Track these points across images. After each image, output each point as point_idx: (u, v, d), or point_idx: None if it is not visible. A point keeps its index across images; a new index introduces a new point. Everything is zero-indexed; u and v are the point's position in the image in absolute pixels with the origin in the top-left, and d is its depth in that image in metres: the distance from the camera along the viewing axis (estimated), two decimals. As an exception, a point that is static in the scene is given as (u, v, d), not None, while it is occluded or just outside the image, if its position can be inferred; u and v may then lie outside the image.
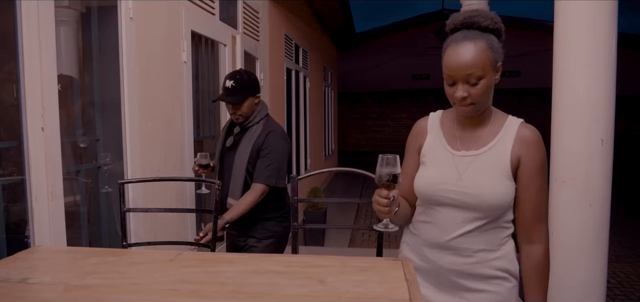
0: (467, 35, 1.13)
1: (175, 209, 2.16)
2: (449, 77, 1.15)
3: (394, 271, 1.05)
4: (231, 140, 2.16)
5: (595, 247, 1.92)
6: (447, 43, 1.17)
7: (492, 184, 1.17)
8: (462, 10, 1.15)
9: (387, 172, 1.07)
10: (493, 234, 1.22)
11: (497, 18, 1.17)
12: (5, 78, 1.62)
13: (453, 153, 1.23)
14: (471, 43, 1.12)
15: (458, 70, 1.12)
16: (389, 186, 1.08)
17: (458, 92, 1.14)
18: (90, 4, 2.06)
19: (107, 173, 2.09)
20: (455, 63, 1.13)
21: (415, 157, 1.31)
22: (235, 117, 2.12)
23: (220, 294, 0.95)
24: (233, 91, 2.05)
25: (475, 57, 1.11)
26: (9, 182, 1.58)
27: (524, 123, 1.23)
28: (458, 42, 1.13)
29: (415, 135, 1.34)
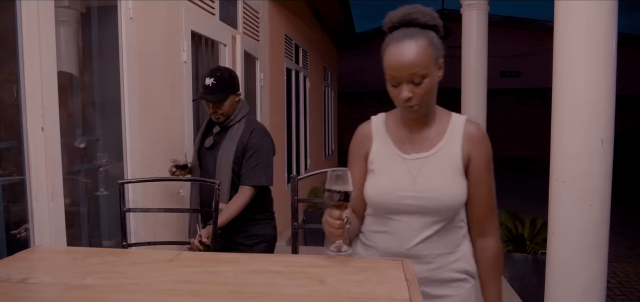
0: (407, 33, 1.10)
1: (175, 209, 2.16)
2: (392, 78, 1.11)
3: (394, 271, 1.05)
4: (211, 141, 2.08)
5: (595, 247, 1.92)
6: (386, 42, 1.13)
7: (447, 184, 1.16)
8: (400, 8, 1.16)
9: (339, 190, 1.02)
10: (450, 236, 1.21)
11: (435, 14, 1.14)
12: (5, 78, 1.62)
13: (404, 157, 1.20)
14: (412, 41, 1.08)
15: (401, 70, 1.09)
16: (341, 205, 1.03)
17: (403, 93, 1.10)
18: (90, 4, 2.06)
19: (104, 174, 2.08)
20: (398, 63, 1.09)
21: (362, 166, 1.26)
22: (216, 116, 2.04)
23: (220, 294, 0.95)
24: (214, 89, 1.98)
25: (418, 56, 1.08)
26: (9, 182, 1.58)
27: (469, 120, 1.23)
28: (399, 40, 1.09)
29: (359, 142, 1.28)
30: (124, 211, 1.78)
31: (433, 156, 1.18)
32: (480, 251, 1.24)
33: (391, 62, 1.10)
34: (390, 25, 1.14)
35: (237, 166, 2.02)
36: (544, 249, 2.66)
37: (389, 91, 1.15)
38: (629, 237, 5.06)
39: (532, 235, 3.48)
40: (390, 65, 1.11)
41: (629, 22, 19.57)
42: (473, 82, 3.96)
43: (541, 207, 2.85)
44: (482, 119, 3.98)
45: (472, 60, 3.96)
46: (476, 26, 3.92)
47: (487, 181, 1.20)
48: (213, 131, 2.10)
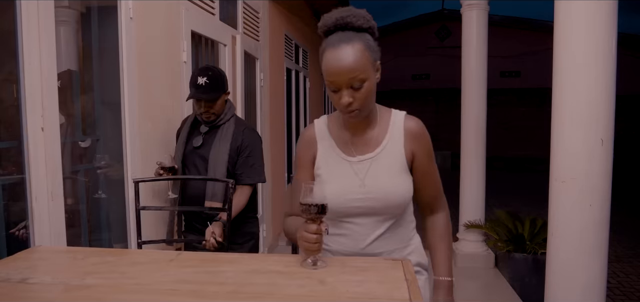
0: (342, 37, 1.09)
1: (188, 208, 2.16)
2: (331, 83, 1.11)
3: (394, 270, 1.05)
4: (200, 140, 2.07)
5: (595, 247, 1.91)
6: (323, 47, 1.13)
7: (395, 183, 1.18)
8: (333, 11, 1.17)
9: (315, 203, 1.02)
10: (402, 231, 1.25)
11: (369, 16, 1.14)
12: (5, 78, 1.62)
13: (349, 160, 1.20)
14: (349, 45, 1.08)
15: (340, 75, 1.08)
16: (317, 218, 1.03)
17: (343, 99, 1.10)
18: (90, 4, 2.06)
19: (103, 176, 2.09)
20: (336, 68, 1.08)
21: (310, 170, 1.26)
22: (207, 116, 2.04)
23: (220, 294, 0.95)
24: (207, 88, 1.97)
25: (356, 60, 1.07)
26: (9, 182, 1.58)
27: (407, 116, 1.25)
28: (335, 45, 1.09)
29: (306, 146, 1.26)
30: (138, 209, 1.82)
31: (377, 156, 1.20)
32: (430, 226, 1.30)
33: (329, 67, 1.10)
34: (325, 29, 1.14)
35: (232, 166, 2.03)
36: (544, 249, 2.65)
37: (329, 96, 1.15)
38: (629, 237, 5.06)
39: (532, 235, 3.48)
40: (329, 71, 1.10)
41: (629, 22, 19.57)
42: (473, 82, 3.95)
43: (541, 207, 2.85)
44: (482, 119, 3.98)
45: (472, 60, 3.95)
46: (476, 26, 3.92)
47: (432, 171, 1.26)
48: (201, 130, 2.09)
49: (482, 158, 4.00)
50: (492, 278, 3.77)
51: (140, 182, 1.86)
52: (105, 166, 2.07)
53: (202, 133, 2.09)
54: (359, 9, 1.14)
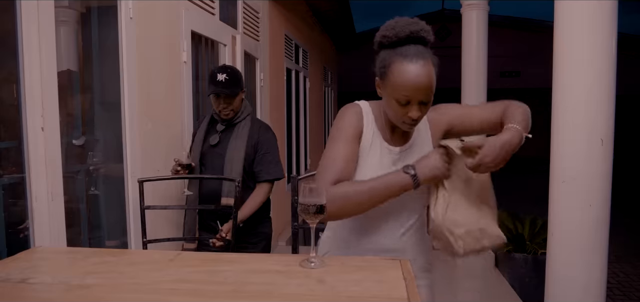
0: (418, 52, 1.09)
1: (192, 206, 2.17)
2: (404, 96, 1.09)
3: (393, 270, 1.05)
4: (216, 138, 2.10)
5: (595, 247, 1.92)
6: (393, 57, 1.10)
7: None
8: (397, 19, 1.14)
9: (314, 203, 1.03)
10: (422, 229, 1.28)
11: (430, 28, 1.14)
12: (5, 78, 1.62)
13: (390, 149, 1.21)
14: (426, 62, 1.09)
15: (418, 92, 1.08)
16: (315, 218, 1.05)
17: (413, 113, 1.10)
18: (90, 4, 2.07)
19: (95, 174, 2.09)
20: (416, 84, 1.07)
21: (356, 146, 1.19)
22: (226, 113, 2.07)
23: (220, 293, 0.95)
24: (227, 84, 2.01)
25: (431, 78, 1.09)
26: (9, 182, 1.58)
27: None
28: (413, 60, 1.08)
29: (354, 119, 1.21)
30: (143, 208, 1.84)
31: (411, 147, 1.22)
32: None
33: (407, 82, 1.08)
34: (396, 40, 1.11)
35: (248, 164, 2.05)
36: (544, 249, 2.65)
37: (390, 107, 1.13)
38: (629, 237, 5.06)
39: (532, 235, 3.49)
40: (406, 85, 1.08)
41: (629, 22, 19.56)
42: (473, 82, 3.96)
43: (541, 207, 2.85)
44: (482, 119, 3.98)
45: (472, 60, 3.96)
46: (476, 26, 3.92)
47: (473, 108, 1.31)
48: (217, 129, 2.12)
49: (482, 158, 4.00)
50: (492, 278, 3.77)
51: (145, 182, 1.88)
52: (97, 164, 2.07)
53: (218, 131, 2.12)
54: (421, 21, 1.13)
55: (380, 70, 1.14)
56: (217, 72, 2.04)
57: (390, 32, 1.12)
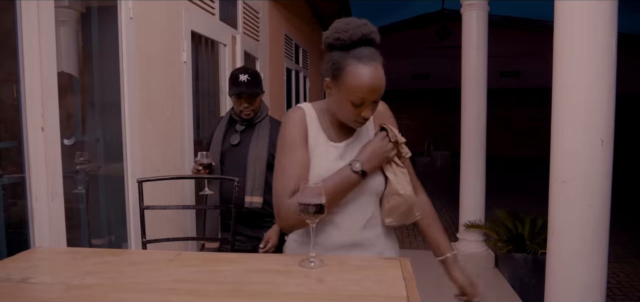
0: (369, 54, 1.12)
1: (192, 206, 2.18)
2: (358, 98, 1.12)
3: (392, 269, 1.05)
4: (237, 138, 2.15)
5: (595, 247, 1.92)
6: (347, 60, 1.12)
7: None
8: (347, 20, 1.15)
9: (314, 203, 1.04)
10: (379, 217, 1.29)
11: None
12: (5, 78, 1.62)
13: (336, 145, 1.24)
14: (377, 63, 1.12)
15: (372, 93, 1.12)
16: (316, 217, 1.06)
17: (366, 113, 1.15)
18: (90, 4, 2.07)
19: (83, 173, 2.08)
20: (370, 86, 1.11)
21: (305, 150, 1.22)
22: (247, 113, 2.12)
23: (220, 293, 0.95)
24: (250, 84, 2.08)
25: (383, 79, 1.13)
26: (9, 182, 1.58)
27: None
28: (367, 63, 1.11)
29: (299, 124, 1.23)
30: (142, 209, 1.84)
31: (357, 139, 1.25)
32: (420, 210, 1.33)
33: (362, 84, 1.10)
34: (350, 42, 1.12)
35: (271, 162, 2.08)
36: (544, 249, 2.65)
37: (344, 107, 1.16)
38: (629, 237, 5.06)
39: (532, 235, 3.49)
40: (361, 87, 1.11)
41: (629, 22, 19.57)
42: (473, 82, 3.96)
43: (541, 207, 2.85)
44: (482, 119, 3.98)
45: (472, 60, 3.96)
46: (476, 26, 3.92)
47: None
48: (236, 129, 2.17)
49: (482, 158, 4.00)
50: (492, 278, 3.77)
51: (144, 182, 1.88)
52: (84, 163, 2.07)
53: (238, 131, 2.17)
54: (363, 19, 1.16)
55: (333, 72, 1.15)
56: (239, 73, 2.09)
57: (344, 34, 1.13)
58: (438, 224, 1.36)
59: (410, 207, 1.25)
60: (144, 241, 1.87)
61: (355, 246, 1.25)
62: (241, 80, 2.06)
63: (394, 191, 1.22)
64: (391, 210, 1.24)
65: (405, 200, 1.22)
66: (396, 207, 1.23)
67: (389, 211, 1.25)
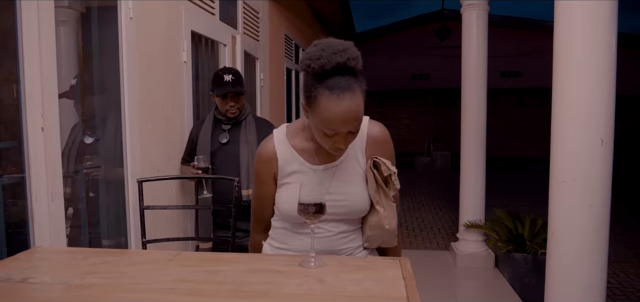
0: (344, 84, 1.02)
1: (192, 206, 2.18)
2: (330, 130, 1.06)
3: (392, 269, 1.05)
4: (226, 137, 2.22)
5: (596, 247, 1.92)
6: (320, 89, 1.03)
7: (357, 191, 1.19)
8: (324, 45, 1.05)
9: (314, 203, 1.04)
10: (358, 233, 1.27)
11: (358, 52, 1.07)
12: (5, 78, 1.62)
13: (314, 168, 1.19)
14: (352, 94, 1.03)
15: (344, 126, 1.04)
16: (316, 217, 1.05)
17: (340, 144, 1.08)
18: (90, 4, 2.07)
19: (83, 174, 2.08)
20: (341, 120, 1.03)
21: (271, 186, 1.25)
22: (233, 111, 2.19)
23: (219, 293, 0.95)
24: (235, 83, 2.15)
25: (358, 109, 1.04)
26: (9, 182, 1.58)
27: (371, 121, 1.23)
28: (339, 95, 1.02)
29: (265, 164, 1.23)
30: (142, 209, 1.86)
31: (341, 164, 1.20)
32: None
33: (332, 116, 1.03)
34: (321, 71, 1.04)
35: None
36: (544, 249, 2.65)
37: (317, 135, 1.11)
38: (629, 237, 5.06)
39: (532, 235, 3.49)
40: (332, 120, 1.03)
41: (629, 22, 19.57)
42: (473, 82, 3.95)
43: (541, 207, 2.85)
44: (482, 119, 3.98)
45: (472, 60, 3.95)
46: (476, 26, 3.92)
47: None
48: (223, 128, 2.23)
49: (482, 158, 4.00)
50: (492, 278, 3.77)
51: (144, 182, 1.88)
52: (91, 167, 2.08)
53: (226, 130, 2.23)
54: (347, 41, 1.08)
55: (306, 97, 1.08)
56: (223, 74, 2.16)
57: (316, 63, 1.03)
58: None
59: (392, 237, 1.24)
60: (144, 241, 1.87)
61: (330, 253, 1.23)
62: (226, 80, 2.13)
63: (380, 225, 1.19)
64: (373, 238, 1.23)
65: (390, 234, 1.21)
66: (379, 237, 1.22)
67: (370, 238, 1.24)
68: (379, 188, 1.18)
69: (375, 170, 1.18)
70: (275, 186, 1.25)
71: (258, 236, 1.36)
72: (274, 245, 1.31)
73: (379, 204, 1.18)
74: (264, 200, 1.28)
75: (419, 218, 6.08)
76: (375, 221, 1.20)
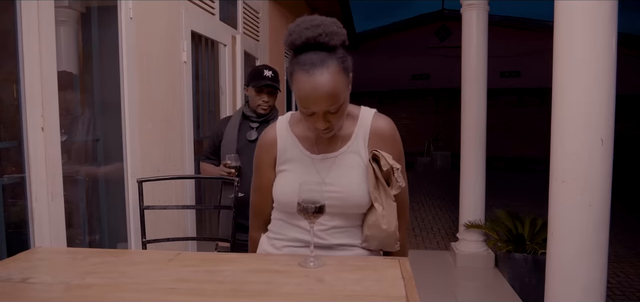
0: (315, 60, 1.00)
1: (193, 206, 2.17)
2: (305, 109, 1.04)
3: (392, 269, 1.05)
4: (255, 134, 2.20)
5: (596, 247, 1.92)
6: (293, 67, 1.03)
7: (355, 184, 1.14)
8: (300, 20, 1.06)
9: (313, 203, 1.02)
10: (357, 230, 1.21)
11: (340, 27, 1.05)
12: (5, 78, 1.62)
13: (312, 157, 1.17)
14: (324, 70, 1.00)
15: (317, 103, 1.01)
16: (315, 217, 1.04)
17: (319, 124, 1.05)
18: (90, 4, 2.07)
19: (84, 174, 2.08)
20: (312, 96, 1.01)
21: (269, 173, 1.22)
22: (264, 107, 2.20)
23: (219, 292, 0.95)
24: (274, 80, 2.18)
25: (333, 86, 1.00)
26: (9, 182, 1.58)
27: (377, 114, 1.20)
28: (309, 70, 1.00)
29: (266, 149, 1.22)
30: (142, 209, 1.85)
31: (341, 155, 1.16)
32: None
33: (304, 94, 1.02)
34: (293, 47, 1.04)
35: None
36: (544, 249, 2.65)
37: (301, 112, 1.09)
38: (629, 237, 5.06)
39: (532, 235, 3.49)
40: (303, 98, 1.02)
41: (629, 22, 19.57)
42: (473, 82, 3.95)
43: (541, 207, 2.85)
44: (482, 119, 3.98)
45: (472, 60, 3.95)
46: (476, 26, 3.92)
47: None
48: (251, 126, 2.22)
49: (482, 158, 4.00)
50: (492, 278, 3.77)
51: (144, 182, 1.88)
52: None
53: (254, 128, 2.22)
54: (328, 18, 1.06)
55: (288, 75, 1.08)
56: (263, 69, 2.20)
57: (288, 37, 1.03)
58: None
59: (391, 240, 1.18)
60: (144, 241, 1.87)
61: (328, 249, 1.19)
62: (266, 75, 2.16)
63: (377, 225, 1.14)
64: (371, 238, 1.18)
65: (388, 235, 1.15)
66: (376, 237, 1.17)
67: (368, 238, 1.18)
68: (378, 184, 1.13)
69: (375, 164, 1.12)
70: (274, 173, 1.22)
71: (257, 232, 1.32)
72: (270, 235, 1.27)
73: (377, 202, 1.12)
74: (263, 191, 1.24)
75: (419, 218, 6.08)
76: (372, 221, 1.15)
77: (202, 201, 2.96)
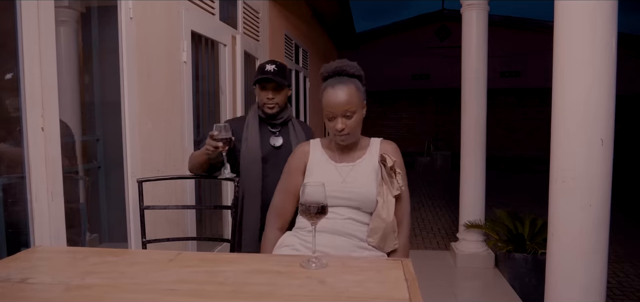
0: (339, 80, 1.46)
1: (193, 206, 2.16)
2: (329, 113, 1.45)
3: (394, 270, 1.05)
4: (280, 140, 2.01)
5: (595, 247, 1.91)
6: (324, 87, 1.49)
7: (369, 183, 1.47)
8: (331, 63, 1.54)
9: (316, 203, 1.04)
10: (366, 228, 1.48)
11: (359, 67, 1.52)
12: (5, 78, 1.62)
13: (335, 164, 1.53)
14: (344, 86, 1.44)
15: (337, 107, 1.43)
16: (318, 217, 1.07)
17: (337, 125, 1.44)
18: (90, 4, 2.07)
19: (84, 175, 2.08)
20: (334, 102, 1.44)
21: (299, 178, 1.55)
22: (270, 106, 1.97)
23: (220, 293, 0.95)
24: (277, 74, 1.94)
25: (349, 97, 1.44)
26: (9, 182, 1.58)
27: (384, 140, 1.59)
28: (334, 86, 1.45)
29: (299, 156, 1.58)
30: (142, 209, 1.85)
31: (357, 164, 1.52)
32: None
33: (329, 102, 1.45)
34: (326, 75, 1.50)
35: None
36: (544, 249, 2.65)
37: (326, 124, 1.50)
38: (629, 237, 5.06)
39: (532, 235, 3.48)
40: (328, 103, 1.45)
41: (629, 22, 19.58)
42: (473, 82, 3.95)
43: (541, 207, 2.85)
44: (482, 119, 3.97)
45: (472, 60, 3.95)
46: (476, 26, 3.91)
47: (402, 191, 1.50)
48: (271, 130, 2.02)
49: (482, 158, 4.00)
50: (492, 278, 3.77)
51: (144, 182, 1.88)
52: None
53: (275, 133, 2.03)
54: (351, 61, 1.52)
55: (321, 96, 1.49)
56: (266, 64, 1.98)
57: (323, 70, 1.52)
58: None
59: (389, 232, 1.44)
60: (144, 241, 1.87)
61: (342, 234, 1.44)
62: (268, 69, 1.94)
63: (378, 214, 1.43)
64: (373, 230, 1.44)
65: (387, 224, 1.43)
66: (377, 228, 1.43)
67: (371, 230, 1.44)
68: (382, 183, 1.46)
69: (382, 167, 1.47)
70: (303, 179, 1.53)
71: (274, 232, 1.55)
72: (298, 228, 1.52)
73: (379, 195, 1.44)
74: (289, 193, 1.56)
75: (419, 218, 6.08)
76: (375, 212, 1.45)
77: (202, 201, 2.96)
